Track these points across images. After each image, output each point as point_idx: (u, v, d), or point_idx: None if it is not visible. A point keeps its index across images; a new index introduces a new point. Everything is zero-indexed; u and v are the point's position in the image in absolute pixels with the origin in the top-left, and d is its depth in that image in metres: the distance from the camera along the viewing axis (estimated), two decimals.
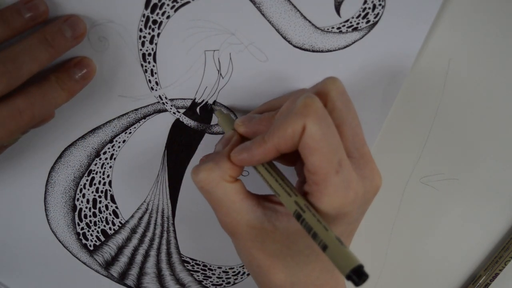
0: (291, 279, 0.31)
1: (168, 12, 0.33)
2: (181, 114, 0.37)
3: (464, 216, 0.43)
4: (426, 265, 0.46)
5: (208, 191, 0.29)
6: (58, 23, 0.30)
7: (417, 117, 0.39)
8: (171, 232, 0.42)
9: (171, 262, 0.43)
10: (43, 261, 0.42)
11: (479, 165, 0.41)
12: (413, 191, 0.42)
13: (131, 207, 0.40)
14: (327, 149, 0.26)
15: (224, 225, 0.30)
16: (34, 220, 0.40)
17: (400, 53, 0.36)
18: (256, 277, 0.33)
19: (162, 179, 0.39)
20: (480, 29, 0.36)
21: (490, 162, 0.41)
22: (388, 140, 0.40)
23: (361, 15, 0.34)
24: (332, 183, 0.26)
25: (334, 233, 0.24)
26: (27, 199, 0.39)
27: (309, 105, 0.26)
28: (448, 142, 0.40)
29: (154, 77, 0.35)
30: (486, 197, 0.43)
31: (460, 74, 0.37)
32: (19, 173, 0.38)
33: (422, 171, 0.41)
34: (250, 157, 0.28)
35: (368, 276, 0.22)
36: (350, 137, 0.29)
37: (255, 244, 0.30)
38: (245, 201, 0.29)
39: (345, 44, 0.35)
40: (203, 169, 0.29)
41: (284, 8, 0.33)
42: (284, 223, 0.29)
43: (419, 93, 0.38)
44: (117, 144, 0.37)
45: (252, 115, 0.32)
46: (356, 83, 0.36)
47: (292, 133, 0.26)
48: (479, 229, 0.44)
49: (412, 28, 0.35)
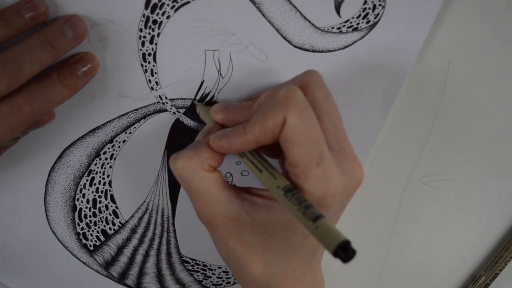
0: (268, 272, 0.30)
1: (168, 12, 0.33)
2: (181, 114, 0.37)
3: (464, 216, 0.43)
4: (426, 265, 0.46)
5: (186, 179, 0.28)
6: (59, 23, 0.30)
7: (417, 117, 0.39)
8: (171, 232, 0.42)
9: (171, 262, 0.43)
10: (43, 261, 0.42)
11: (479, 165, 0.41)
12: (413, 191, 0.42)
13: (131, 207, 0.40)
14: (307, 142, 0.25)
15: (200, 216, 0.30)
16: (34, 220, 0.40)
17: (400, 53, 0.36)
18: (233, 270, 0.32)
19: (162, 179, 0.39)
20: (480, 29, 0.36)
21: (490, 162, 0.41)
22: (388, 140, 0.40)
23: (361, 15, 0.34)
24: (312, 176, 0.26)
25: (319, 211, 0.24)
26: (27, 199, 0.39)
27: (290, 97, 0.26)
28: (448, 142, 0.40)
29: (154, 77, 0.35)
30: (486, 197, 0.43)
31: (460, 74, 0.37)
32: (19, 173, 0.38)
33: (422, 171, 0.41)
34: (229, 145, 0.28)
35: (356, 252, 0.21)
36: (330, 130, 0.29)
37: (232, 235, 0.30)
38: (222, 191, 0.29)
39: (345, 44, 0.35)
40: (182, 156, 0.28)
41: (284, 8, 0.33)
42: (263, 214, 0.29)
43: (419, 93, 0.38)
44: (117, 144, 0.37)
45: (229, 102, 0.32)
46: (356, 83, 0.36)
47: (272, 125, 0.25)
48: (479, 229, 0.44)
49: (413, 29, 0.35)
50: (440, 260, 0.46)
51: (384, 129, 0.39)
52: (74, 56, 0.32)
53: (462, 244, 0.45)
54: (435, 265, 0.46)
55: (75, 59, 0.32)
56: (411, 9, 0.34)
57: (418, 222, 0.44)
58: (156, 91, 0.35)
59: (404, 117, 0.39)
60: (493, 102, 0.38)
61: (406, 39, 0.35)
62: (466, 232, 0.44)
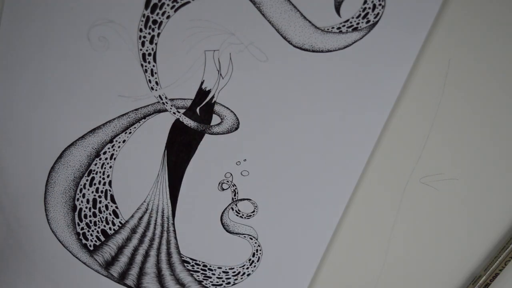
0: None
1: (168, 12, 0.33)
2: (181, 114, 0.36)
3: (464, 216, 0.43)
4: (426, 265, 0.46)
5: None
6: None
7: (417, 117, 0.39)
8: (171, 232, 0.42)
9: (171, 262, 0.43)
10: (43, 261, 0.42)
11: (479, 165, 0.41)
12: (413, 191, 0.42)
13: (131, 207, 0.40)
14: None
15: None
16: (34, 220, 0.40)
17: (400, 53, 0.36)
18: None
19: (162, 179, 0.39)
20: (480, 29, 0.36)
21: (490, 162, 0.41)
22: (388, 140, 0.40)
23: (361, 15, 0.34)
24: None
25: None
26: (27, 199, 0.39)
27: None
28: (448, 142, 0.40)
29: (154, 77, 0.35)
30: (486, 197, 0.43)
31: (460, 74, 0.37)
32: (19, 173, 0.38)
33: (422, 171, 0.41)
34: None
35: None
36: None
37: None
38: None
39: (345, 44, 0.35)
40: None
41: (284, 8, 0.33)
42: None
43: (419, 93, 0.38)
44: (117, 144, 0.37)
45: None
46: (356, 83, 0.36)
47: None
48: (479, 229, 0.44)
49: (412, 28, 0.35)
50: (440, 260, 0.46)
51: (384, 129, 0.39)
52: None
53: (462, 244, 0.45)
54: (435, 265, 0.46)
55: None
56: (411, 9, 0.34)
57: (418, 222, 0.44)
58: (156, 91, 0.35)
59: (404, 117, 0.39)
60: (493, 101, 0.38)
61: (406, 38, 0.35)
62: (466, 232, 0.44)
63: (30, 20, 0.32)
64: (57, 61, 0.32)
